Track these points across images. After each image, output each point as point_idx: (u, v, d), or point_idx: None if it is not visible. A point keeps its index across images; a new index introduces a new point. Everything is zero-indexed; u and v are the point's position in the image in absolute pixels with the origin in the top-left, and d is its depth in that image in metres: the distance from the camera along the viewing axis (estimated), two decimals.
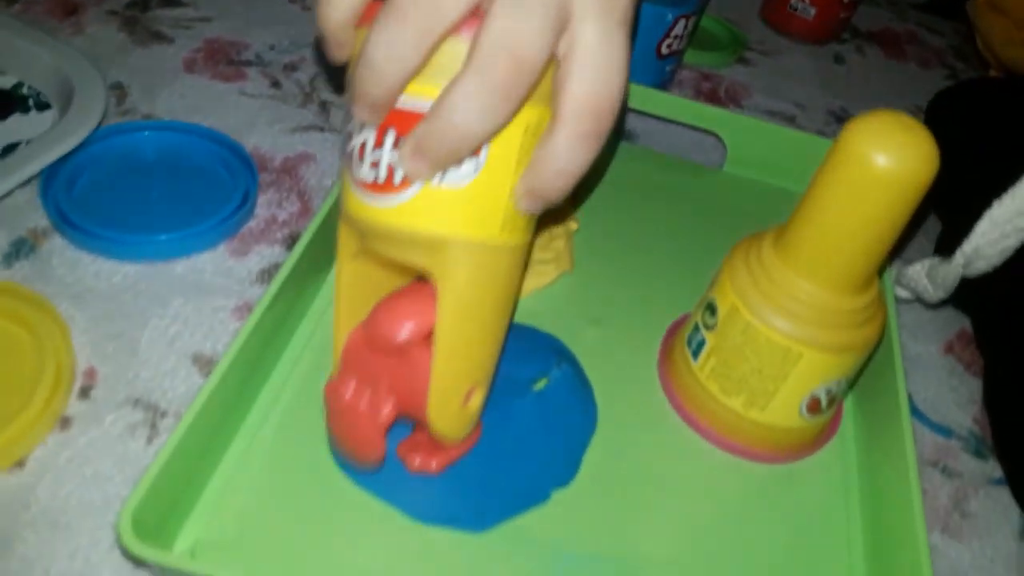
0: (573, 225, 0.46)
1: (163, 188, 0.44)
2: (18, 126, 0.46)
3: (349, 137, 0.29)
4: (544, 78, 0.27)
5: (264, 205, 0.45)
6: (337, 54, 0.29)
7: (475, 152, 0.27)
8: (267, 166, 0.48)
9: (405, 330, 0.29)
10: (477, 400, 0.31)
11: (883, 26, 0.79)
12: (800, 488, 0.38)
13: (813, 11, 0.70)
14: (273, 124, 0.51)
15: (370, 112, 0.27)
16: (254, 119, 0.51)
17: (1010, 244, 0.42)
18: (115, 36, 0.55)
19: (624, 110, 0.54)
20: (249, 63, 0.55)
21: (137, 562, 0.31)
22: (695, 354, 0.38)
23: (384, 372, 0.31)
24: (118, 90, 0.51)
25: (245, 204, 0.44)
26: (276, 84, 0.54)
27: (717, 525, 0.36)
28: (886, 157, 0.31)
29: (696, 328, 0.39)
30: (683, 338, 0.40)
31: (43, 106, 0.48)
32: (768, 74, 0.67)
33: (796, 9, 0.71)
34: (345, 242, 0.32)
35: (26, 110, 0.47)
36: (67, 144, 0.42)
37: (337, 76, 0.55)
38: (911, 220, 0.33)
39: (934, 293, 0.46)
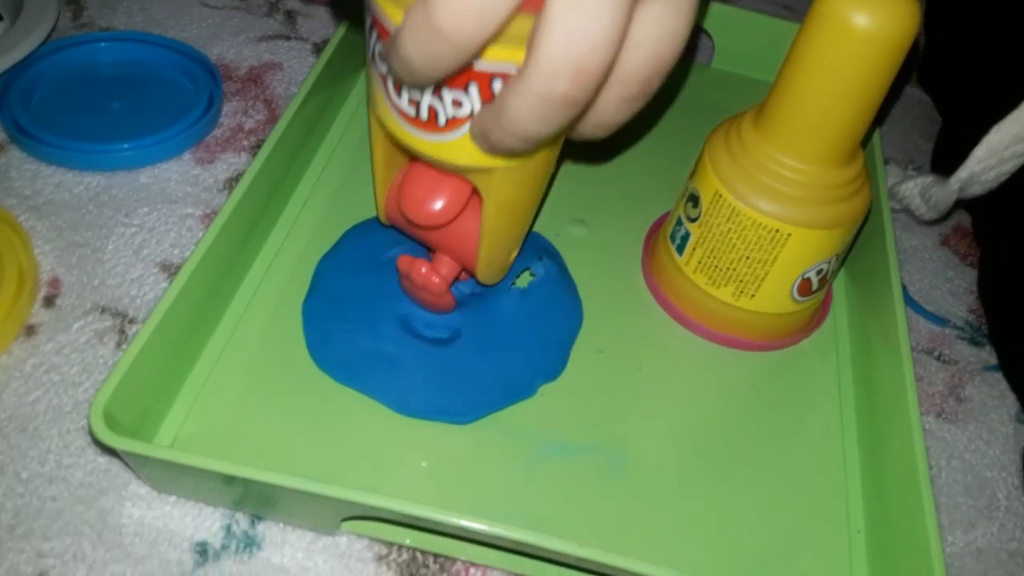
0: None
1: (124, 98, 0.42)
2: None
3: (383, 57, 0.26)
4: None
5: (230, 114, 0.44)
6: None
7: None
8: (232, 76, 0.46)
9: (435, 217, 0.30)
10: (513, 256, 0.34)
11: None
12: (791, 374, 0.37)
13: None
14: (238, 34, 0.48)
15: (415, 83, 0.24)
16: (217, 30, 0.48)
17: (1007, 169, 0.40)
18: None
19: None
20: None
21: (108, 451, 0.30)
22: (680, 248, 0.37)
23: (429, 234, 0.33)
24: (73, 5, 0.48)
25: (210, 110, 0.42)
26: None
27: (706, 415, 0.35)
28: (865, 15, 0.29)
29: (679, 222, 0.37)
30: (666, 234, 0.39)
31: None
32: None
33: None
34: (376, 128, 0.30)
35: None
36: (17, 53, 0.40)
37: None
38: (895, 104, 0.32)
39: (927, 213, 0.44)
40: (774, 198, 0.33)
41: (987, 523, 0.35)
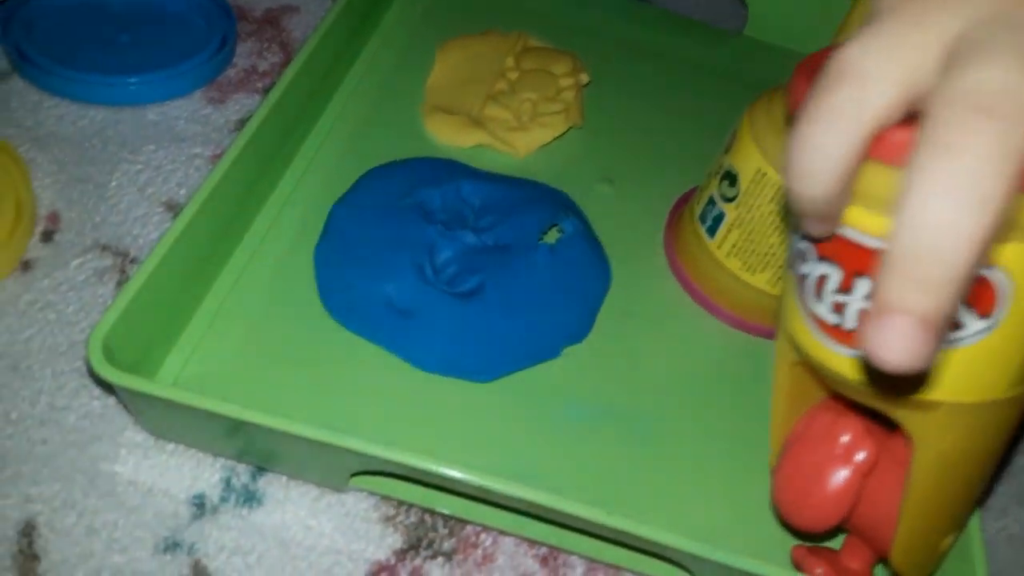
0: (584, 77, 0.42)
1: (133, 34, 0.40)
2: None
3: (801, 257, 0.22)
4: None
5: (244, 55, 0.42)
6: (824, 230, 0.21)
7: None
8: (248, 16, 0.44)
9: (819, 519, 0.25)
10: (947, 543, 0.26)
11: None
12: None
13: None
14: None
15: (818, 226, 0.21)
16: None
17: None
18: None
19: None
20: None
21: (105, 386, 0.28)
22: (711, 231, 0.35)
23: None
24: None
25: (223, 49, 0.40)
26: None
27: (737, 396, 0.33)
28: None
29: (711, 202, 0.35)
30: (694, 215, 0.36)
31: None
32: None
33: None
34: (783, 352, 0.26)
35: None
36: None
37: None
38: None
39: None
40: None
41: (1019, 510, 0.33)
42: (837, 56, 0.18)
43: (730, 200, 0.34)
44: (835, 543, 0.29)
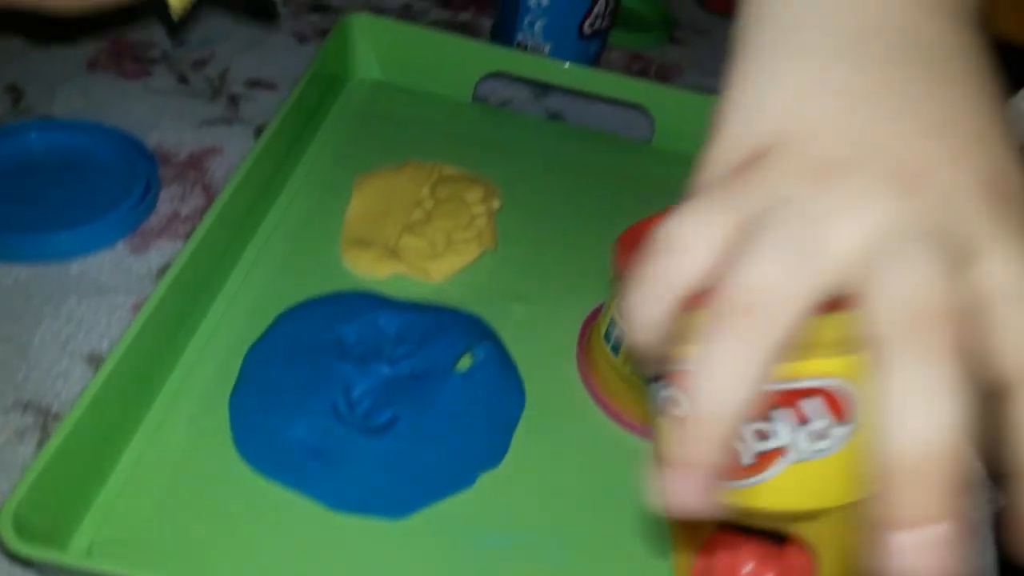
0: (495, 203, 0.44)
1: (56, 187, 0.42)
2: None
3: (673, 403, 0.23)
4: None
5: (167, 200, 0.43)
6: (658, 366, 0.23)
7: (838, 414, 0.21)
8: (171, 161, 0.46)
9: None
10: None
11: None
12: None
13: None
14: (180, 119, 0.48)
15: (653, 364, 0.22)
16: (159, 115, 0.48)
17: None
18: (12, 39, 0.52)
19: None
20: (155, 60, 0.53)
21: (24, 563, 0.28)
22: (615, 349, 0.36)
23: None
24: (12, 91, 0.48)
25: (146, 196, 0.41)
26: (184, 80, 0.52)
27: (646, 514, 0.34)
28: None
29: (612, 322, 0.36)
30: (600, 334, 0.38)
31: None
32: (700, 53, 0.66)
33: None
34: None
35: None
36: None
37: (248, 70, 0.53)
38: None
39: None
40: None
41: None
42: (662, 227, 0.21)
43: None
44: None
